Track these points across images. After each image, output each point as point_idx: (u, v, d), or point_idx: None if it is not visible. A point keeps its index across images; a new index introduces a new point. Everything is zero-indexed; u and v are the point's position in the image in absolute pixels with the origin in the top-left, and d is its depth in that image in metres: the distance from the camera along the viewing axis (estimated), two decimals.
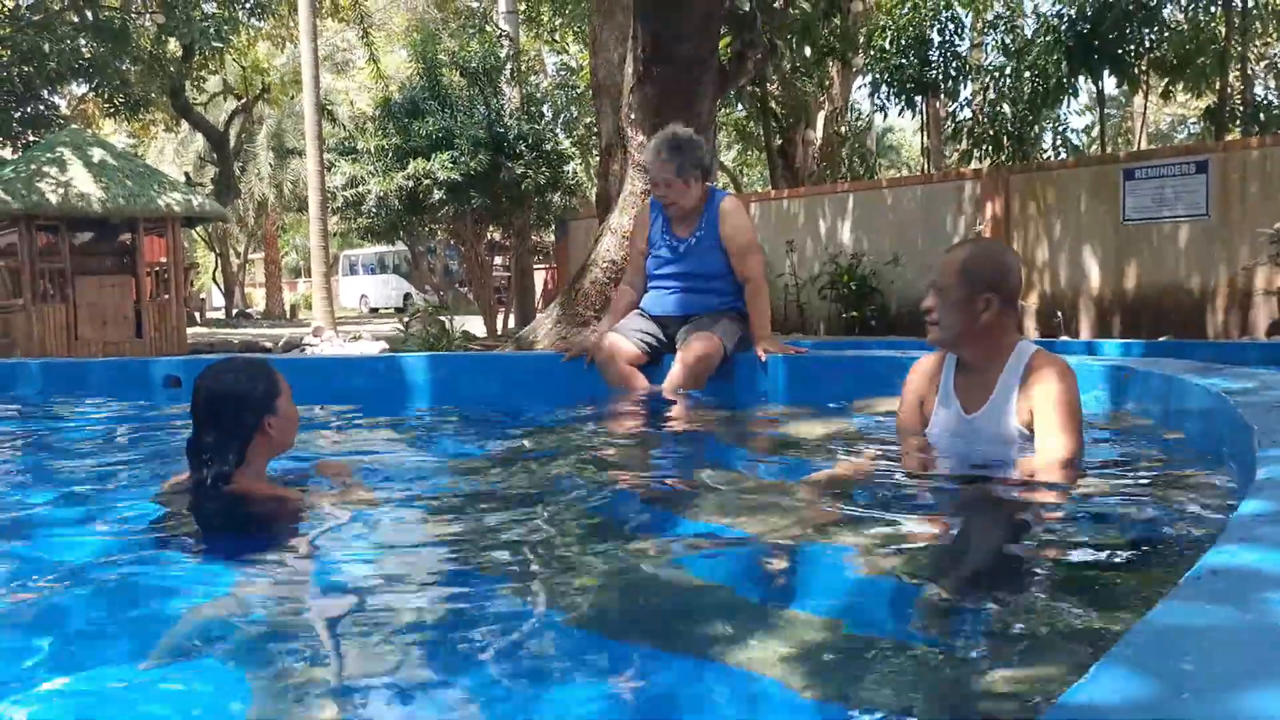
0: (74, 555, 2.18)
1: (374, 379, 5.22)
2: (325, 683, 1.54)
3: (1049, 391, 2.56)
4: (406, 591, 1.96)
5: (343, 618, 1.83)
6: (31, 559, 2.23)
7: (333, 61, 31.25)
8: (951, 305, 2.67)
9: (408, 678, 1.54)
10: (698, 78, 7.49)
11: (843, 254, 12.22)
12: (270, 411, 2.38)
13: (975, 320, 2.64)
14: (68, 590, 1.98)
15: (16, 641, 1.73)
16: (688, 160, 4.50)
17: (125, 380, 5.39)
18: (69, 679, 1.57)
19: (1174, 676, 0.88)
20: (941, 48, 14.24)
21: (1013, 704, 1.38)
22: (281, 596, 1.99)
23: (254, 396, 2.36)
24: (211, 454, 2.32)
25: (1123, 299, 10.24)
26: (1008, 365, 2.66)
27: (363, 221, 12.95)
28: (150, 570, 2.12)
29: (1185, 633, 0.99)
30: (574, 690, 1.51)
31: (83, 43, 17.57)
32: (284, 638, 1.74)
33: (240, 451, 2.34)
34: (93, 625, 1.86)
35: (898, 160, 38.63)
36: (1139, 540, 2.09)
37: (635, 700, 1.49)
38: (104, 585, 2.01)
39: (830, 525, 2.26)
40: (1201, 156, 9.80)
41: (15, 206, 11.88)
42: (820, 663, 1.53)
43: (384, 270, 37.36)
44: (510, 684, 1.50)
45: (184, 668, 1.63)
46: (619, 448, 3.77)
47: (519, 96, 13.30)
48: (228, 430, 2.33)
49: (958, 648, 1.60)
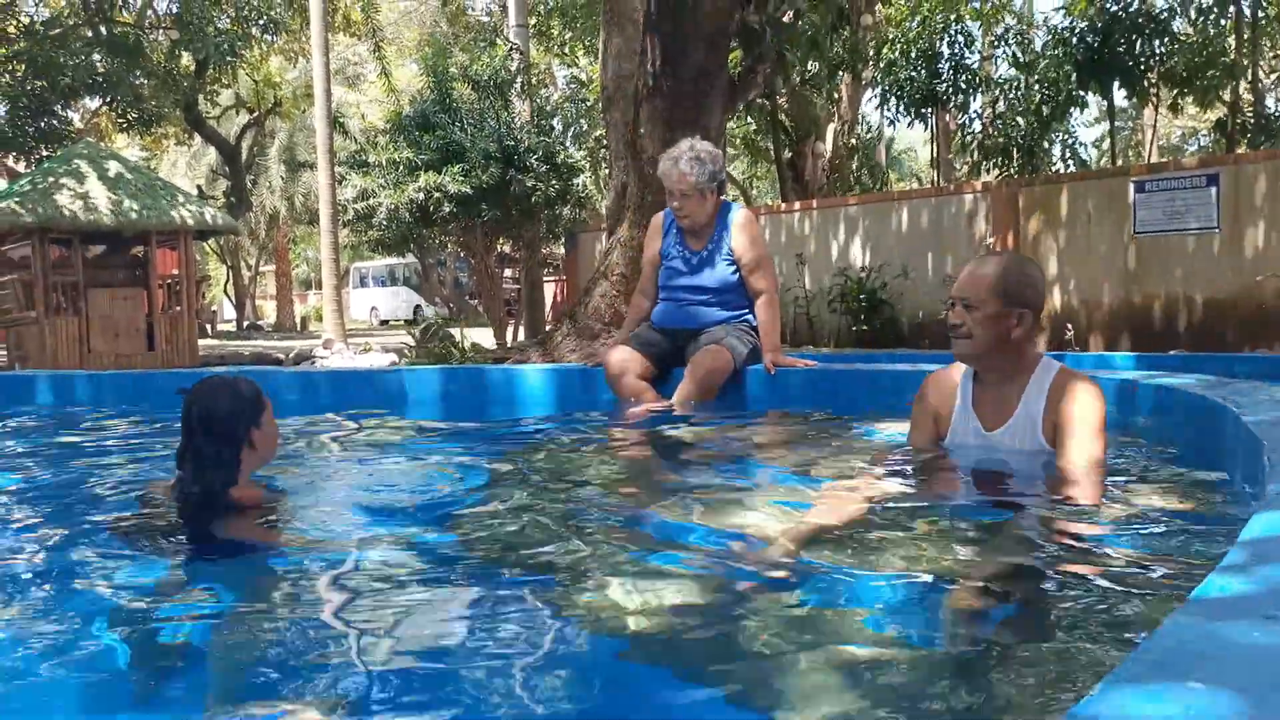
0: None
1: (384, 390, 5.25)
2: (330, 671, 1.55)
3: (1076, 408, 2.54)
4: (407, 595, 1.97)
5: (344, 609, 1.89)
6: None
7: (344, 75, 31.41)
8: (984, 320, 2.64)
9: (410, 681, 1.55)
10: (707, 91, 7.52)
11: (852, 267, 12.22)
12: (256, 426, 2.53)
13: (1007, 336, 2.62)
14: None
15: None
16: (706, 173, 4.54)
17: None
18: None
19: (1181, 695, 0.89)
20: (951, 60, 14.25)
21: (1025, 716, 1.39)
22: (285, 593, 2.06)
23: (243, 412, 2.53)
24: (207, 464, 2.47)
25: (1133, 312, 10.21)
26: (1032, 381, 2.64)
27: (373, 234, 12.99)
28: (144, 567, 2.20)
29: (1193, 650, 0.99)
30: (583, 704, 1.51)
31: (97, 57, 17.70)
32: (280, 635, 1.78)
33: (233, 461, 2.49)
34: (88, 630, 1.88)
35: (907, 173, 38.62)
36: (1149, 556, 2.08)
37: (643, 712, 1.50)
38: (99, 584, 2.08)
39: (846, 539, 2.26)
40: (1212, 169, 9.78)
41: (29, 220, 11.95)
42: (835, 674, 1.53)
43: (394, 283, 37.45)
44: (515, 693, 1.51)
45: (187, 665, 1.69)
46: (627, 460, 3.78)
47: (529, 109, 13.34)
48: (220, 442, 2.48)
49: (972, 661, 1.61)
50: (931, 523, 2.45)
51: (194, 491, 2.47)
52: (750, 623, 1.81)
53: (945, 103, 14.59)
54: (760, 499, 2.86)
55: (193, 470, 2.48)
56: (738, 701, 1.48)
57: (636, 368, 4.58)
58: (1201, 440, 2.95)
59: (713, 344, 4.48)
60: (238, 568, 2.26)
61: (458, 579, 2.13)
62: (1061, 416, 2.55)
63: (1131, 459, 3.04)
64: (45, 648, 1.75)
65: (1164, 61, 12.81)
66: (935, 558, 2.14)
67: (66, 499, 3.04)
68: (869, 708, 1.43)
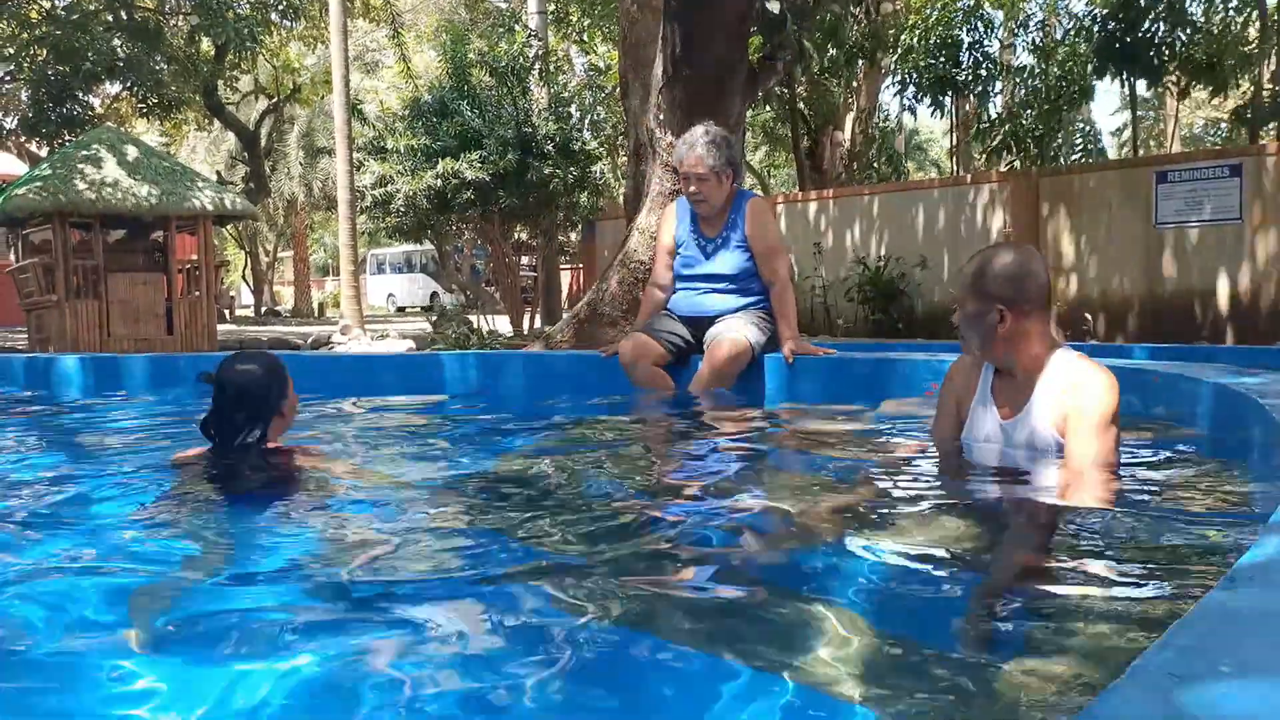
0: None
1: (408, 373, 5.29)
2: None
3: (1086, 399, 2.50)
4: (427, 570, 1.98)
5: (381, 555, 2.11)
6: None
7: (363, 61, 31.43)
8: (967, 321, 2.63)
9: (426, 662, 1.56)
10: (727, 79, 7.50)
11: (870, 256, 12.18)
12: (284, 396, 2.85)
13: (993, 333, 2.57)
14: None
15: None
16: (723, 156, 4.53)
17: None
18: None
19: (1203, 689, 0.88)
20: (971, 48, 14.16)
21: (1040, 712, 1.38)
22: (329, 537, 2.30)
23: (273, 384, 2.83)
24: (243, 431, 2.77)
25: (1154, 303, 10.14)
26: (1045, 372, 2.59)
27: (391, 221, 13.00)
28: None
29: (1214, 644, 0.99)
30: (600, 689, 1.52)
31: (117, 43, 17.74)
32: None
33: (265, 428, 2.79)
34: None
35: (925, 160, 38.43)
36: (1169, 548, 2.07)
37: (662, 698, 1.50)
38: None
39: (862, 528, 2.26)
40: (1235, 160, 9.70)
41: (50, 204, 12.01)
42: (848, 666, 1.53)
43: (411, 269, 37.51)
44: (532, 678, 1.51)
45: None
46: (643, 447, 3.78)
47: (547, 96, 13.31)
48: (255, 410, 2.78)
49: (987, 655, 1.60)
50: (942, 516, 2.44)
51: (230, 457, 2.76)
52: (760, 612, 1.82)
53: (965, 90, 14.50)
54: (776, 486, 2.86)
55: (230, 437, 2.75)
56: (750, 691, 1.48)
57: (652, 355, 4.58)
58: (1222, 431, 2.93)
59: (730, 331, 4.47)
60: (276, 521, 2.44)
61: (463, 559, 2.12)
62: (1073, 407, 2.52)
63: (1149, 448, 3.02)
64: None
65: (1185, 50, 12.69)
66: (945, 551, 2.14)
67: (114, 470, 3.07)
68: (882, 702, 1.44)
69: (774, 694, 1.46)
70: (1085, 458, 2.47)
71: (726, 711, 1.42)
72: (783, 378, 4.49)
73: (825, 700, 1.43)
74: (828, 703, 1.42)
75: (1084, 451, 2.48)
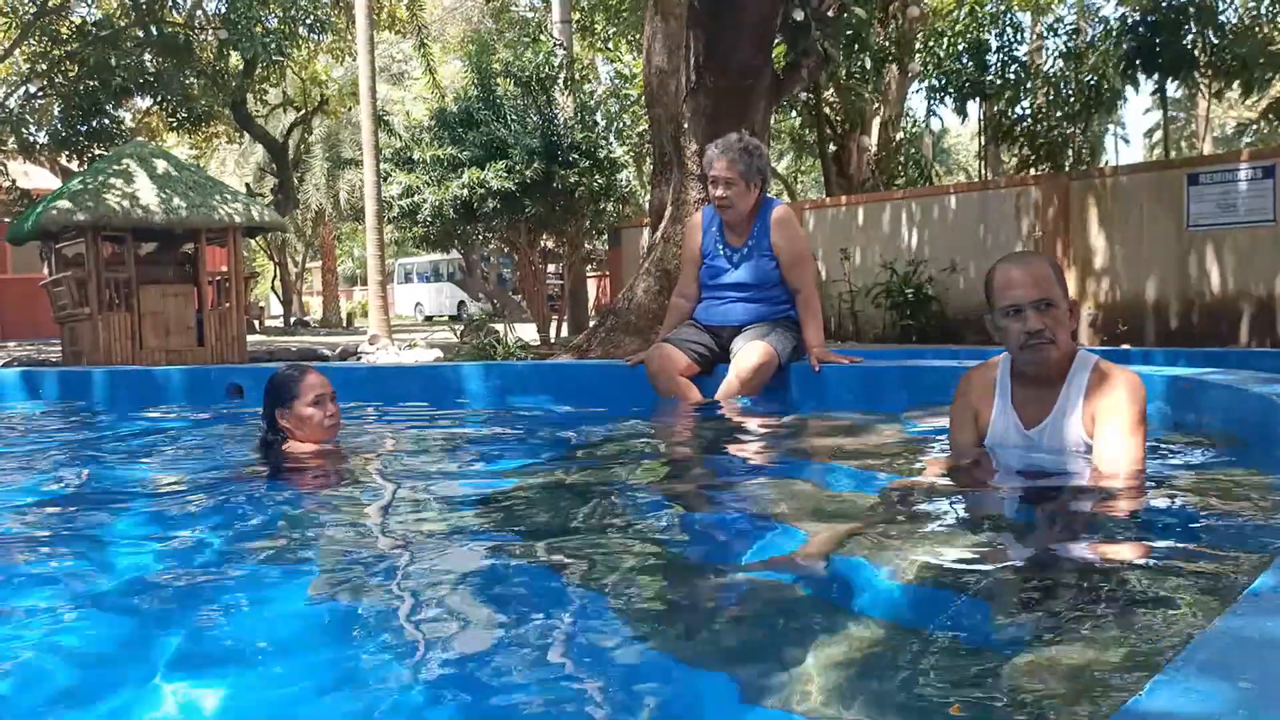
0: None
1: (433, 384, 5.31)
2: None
3: (1114, 401, 2.48)
4: (432, 581, 1.98)
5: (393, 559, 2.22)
6: None
7: (389, 73, 31.66)
8: (1062, 318, 2.55)
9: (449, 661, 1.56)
10: (752, 86, 7.49)
11: (898, 261, 12.12)
12: (284, 408, 3.19)
13: (1074, 330, 2.59)
14: None
15: None
16: (753, 164, 4.54)
17: None
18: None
19: (1232, 693, 0.87)
20: (999, 52, 14.08)
21: (1072, 714, 1.37)
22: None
23: (271, 394, 3.23)
24: (264, 432, 3.30)
25: (1186, 307, 10.03)
26: (1070, 375, 2.56)
27: (418, 230, 13.08)
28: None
29: (1245, 649, 0.98)
30: (622, 697, 1.51)
31: (147, 58, 17.96)
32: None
33: (276, 430, 3.22)
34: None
35: (953, 165, 38.24)
36: (1199, 552, 2.04)
37: (681, 706, 1.49)
38: None
39: (890, 536, 2.24)
40: (1268, 161, 9.58)
41: (82, 218, 12.15)
42: (875, 672, 1.52)
43: (438, 279, 37.69)
44: (545, 690, 1.51)
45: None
46: (668, 457, 3.78)
47: (572, 105, 13.35)
48: (266, 418, 3.26)
49: (1017, 659, 1.58)
50: (971, 521, 2.42)
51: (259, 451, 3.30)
52: (783, 619, 1.81)
53: (993, 94, 14.42)
54: (802, 496, 2.84)
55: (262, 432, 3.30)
56: (768, 696, 1.47)
57: (679, 365, 4.57)
58: (1254, 435, 2.89)
59: (757, 340, 4.46)
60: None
61: (487, 565, 2.12)
62: (1100, 410, 2.49)
63: (1180, 453, 2.99)
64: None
65: (1217, 51, 12.56)
66: (974, 557, 2.12)
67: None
68: (907, 705, 1.42)
69: (787, 700, 1.44)
70: (1117, 459, 2.45)
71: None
72: (809, 386, 4.47)
73: (839, 705, 1.41)
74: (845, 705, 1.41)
75: (1115, 453, 2.45)
